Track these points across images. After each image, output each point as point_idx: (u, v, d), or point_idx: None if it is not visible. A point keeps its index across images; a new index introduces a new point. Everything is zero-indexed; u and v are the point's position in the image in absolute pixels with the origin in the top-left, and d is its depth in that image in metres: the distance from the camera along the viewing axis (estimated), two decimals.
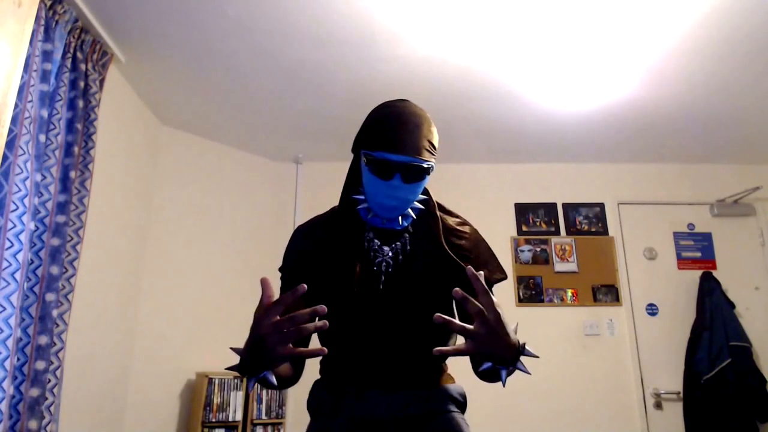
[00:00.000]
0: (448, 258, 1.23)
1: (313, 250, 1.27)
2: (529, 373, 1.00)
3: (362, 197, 1.25)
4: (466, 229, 1.32)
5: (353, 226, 1.25)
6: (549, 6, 2.30)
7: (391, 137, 1.14)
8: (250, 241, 3.71)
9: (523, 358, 1.00)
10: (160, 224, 3.32)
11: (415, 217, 1.26)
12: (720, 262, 3.71)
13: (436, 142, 1.21)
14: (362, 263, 1.22)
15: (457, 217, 1.35)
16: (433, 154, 1.19)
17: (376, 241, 1.24)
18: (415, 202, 1.25)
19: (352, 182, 1.27)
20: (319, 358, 1.34)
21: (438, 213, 1.30)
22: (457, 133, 3.48)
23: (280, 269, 1.31)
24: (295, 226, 3.76)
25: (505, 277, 1.30)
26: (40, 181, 2.10)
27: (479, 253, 1.29)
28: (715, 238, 3.77)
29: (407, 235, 1.26)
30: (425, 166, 1.16)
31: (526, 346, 1.00)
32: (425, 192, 1.29)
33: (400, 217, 1.23)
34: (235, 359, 1.01)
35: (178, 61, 2.75)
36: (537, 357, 1.02)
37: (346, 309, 1.20)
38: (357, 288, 1.20)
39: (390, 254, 1.24)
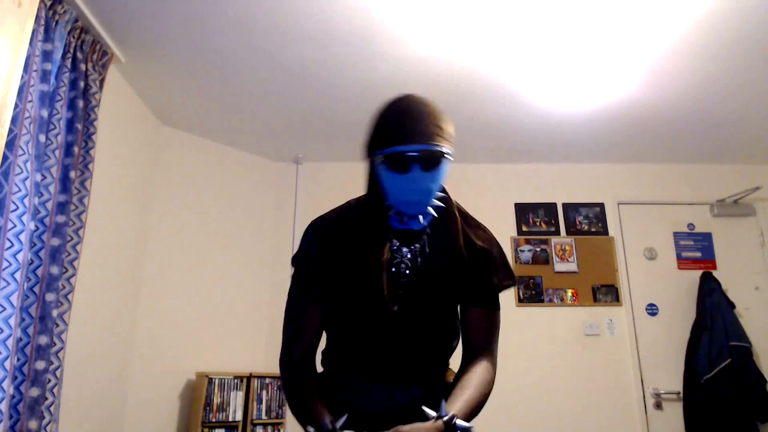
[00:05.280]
0: (464, 261, 1.24)
1: (334, 250, 1.25)
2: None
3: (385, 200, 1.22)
4: (482, 233, 1.31)
5: (379, 230, 1.23)
6: (549, 6, 2.30)
7: (399, 129, 1.12)
8: (250, 241, 3.71)
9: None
10: (160, 224, 3.32)
11: (435, 215, 1.25)
12: (720, 262, 3.71)
13: (448, 128, 1.17)
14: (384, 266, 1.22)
15: (474, 220, 1.35)
16: (447, 140, 1.16)
17: (395, 241, 1.24)
18: (435, 200, 1.22)
19: (373, 190, 1.23)
20: (322, 350, 1.35)
21: (456, 212, 1.29)
22: (457, 133, 3.46)
23: (294, 263, 1.29)
24: (295, 226, 3.80)
25: (514, 284, 1.30)
26: (40, 181, 2.10)
27: (492, 257, 1.29)
28: (715, 238, 3.76)
29: (425, 236, 1.26)
30: (441, 150, 1.13)
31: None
32: (443, 190, 1.27)
33: (420, 216, 1.21)
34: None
35: (178, 61, 2.75)
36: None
37: (369, 309, 1.21)
38: (377, 290, 1.20)
39: (409, 256, 1.24)
